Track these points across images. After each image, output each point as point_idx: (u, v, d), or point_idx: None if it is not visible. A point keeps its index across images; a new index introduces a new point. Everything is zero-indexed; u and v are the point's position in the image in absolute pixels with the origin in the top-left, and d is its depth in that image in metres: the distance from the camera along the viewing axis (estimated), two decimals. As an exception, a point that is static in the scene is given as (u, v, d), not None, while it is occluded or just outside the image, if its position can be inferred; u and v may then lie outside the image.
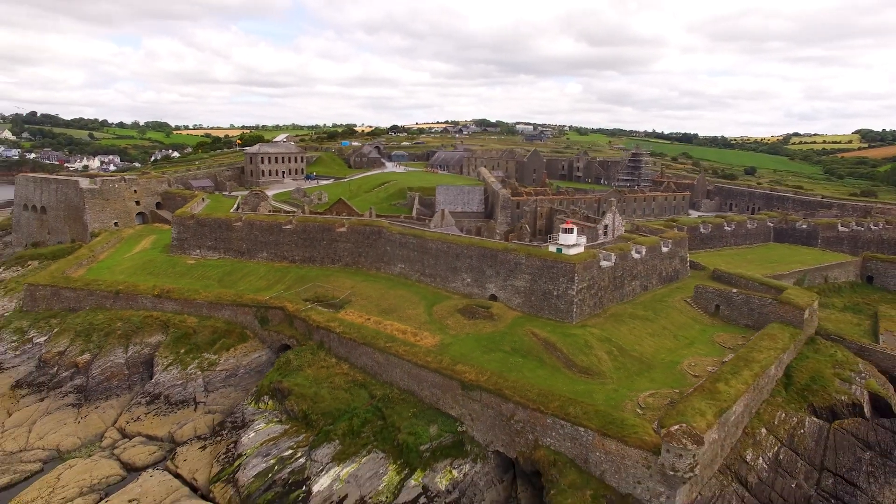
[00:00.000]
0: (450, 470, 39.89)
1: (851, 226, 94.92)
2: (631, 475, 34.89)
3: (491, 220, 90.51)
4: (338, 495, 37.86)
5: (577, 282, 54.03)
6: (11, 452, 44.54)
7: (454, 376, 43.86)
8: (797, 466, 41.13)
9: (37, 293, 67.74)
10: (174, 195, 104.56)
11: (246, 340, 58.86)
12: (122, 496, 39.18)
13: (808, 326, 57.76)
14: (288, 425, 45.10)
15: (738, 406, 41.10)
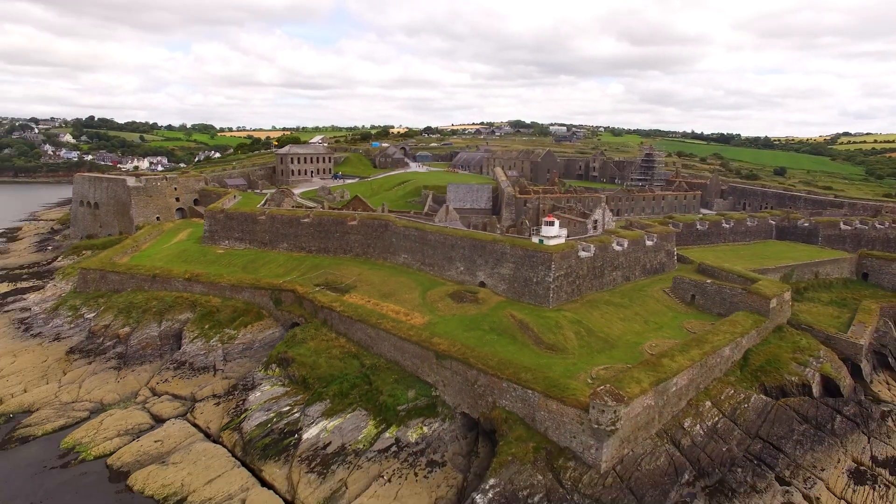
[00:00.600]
0: (421, 426, 46.41)
1: (855, 224, 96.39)
2: (568, 430, 40.63)
3: (496, 216, 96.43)
4: (323, 442, 44.92)
5: (554, 269, 59.69)
6: (66, 403, 53.57)
7: (430, 347, 50.39)
8: (733, 434, 45.82)
9: (88, 276, 77.80)
10: (210, 192, 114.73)
11: (262, 319, 66.85)
12: (150, 438, 47.39)
13: (777, 315, 61.65)
14: (289, 388, 52.57)
15: (679, 379, 46.13)
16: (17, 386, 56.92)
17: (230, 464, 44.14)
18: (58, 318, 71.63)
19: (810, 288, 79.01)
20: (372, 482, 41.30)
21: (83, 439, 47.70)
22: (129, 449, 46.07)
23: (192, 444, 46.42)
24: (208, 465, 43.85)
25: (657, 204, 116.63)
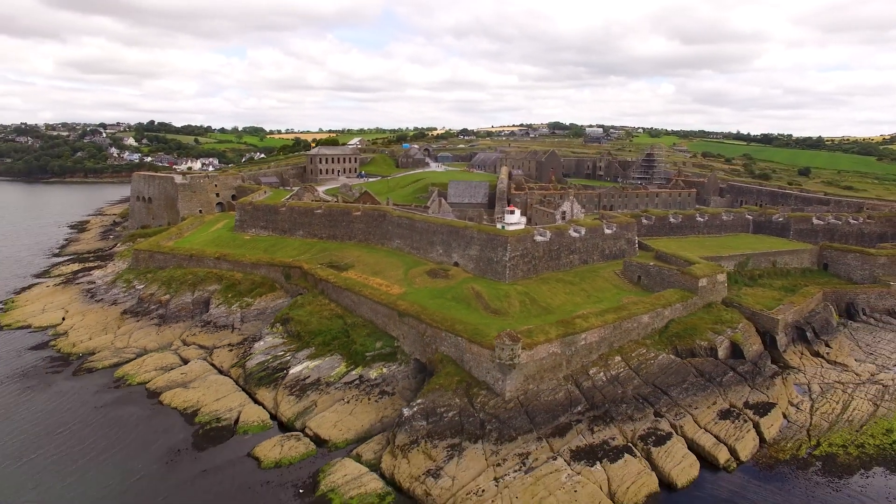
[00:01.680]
0: (381, 368, 59.49)
1: (828, 219, 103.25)
2: (483, 367, 52.74)
3: (491, 210, 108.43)
4: (304, 376, 58.67)
5: (510, 251, 71.58)
6: (119, 348, 69.65)
7: (394, 307, 63.44)
8: (632, 382, 56.65)
9: (139, 256, 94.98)
10: (245, 189, 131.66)
11: (274, 290, 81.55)
12: (178, 371, 62.45)
13: (707, 293, 71.38)
14: (286, 340, 66.71)
15: (588, 335, 57.39)
16: (86, 335, 73.61)
17: (234, 389, 58.56)
18: (115, 289, 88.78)
19: (765, 275, 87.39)
20: (335, 403, 54.69)
21: (130, 371, 63.26)
22: (162, 378, 61.20)
23: (208, 376, 61.17)
24: (218, 389, 58.38)
25: (651, 201, 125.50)
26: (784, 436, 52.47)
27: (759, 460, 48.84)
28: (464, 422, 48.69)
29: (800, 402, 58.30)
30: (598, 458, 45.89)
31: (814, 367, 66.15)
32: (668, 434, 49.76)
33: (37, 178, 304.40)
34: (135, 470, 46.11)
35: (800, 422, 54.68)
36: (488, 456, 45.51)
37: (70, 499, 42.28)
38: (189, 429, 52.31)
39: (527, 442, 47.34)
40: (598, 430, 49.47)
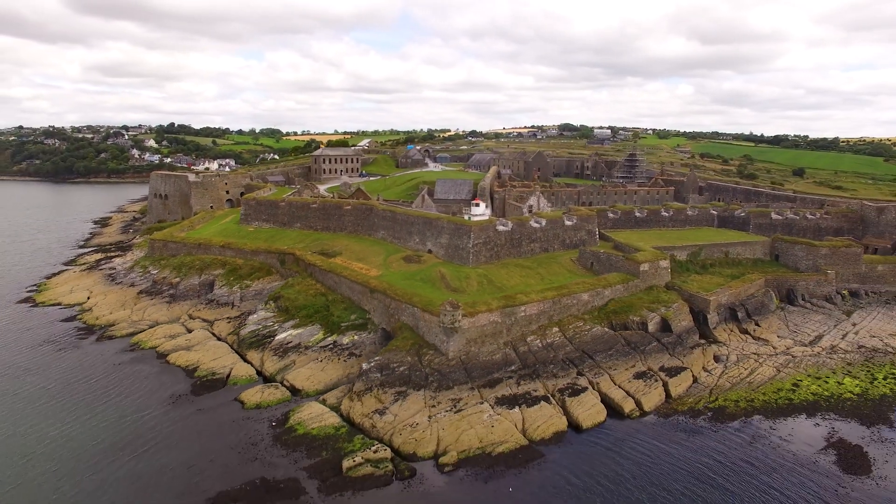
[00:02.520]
0: (353, 335, 70.47)
1: (786, 215, 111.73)
2: (433, 332, 63.36)
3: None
4: (287, 341, 69.93)
5: (473, 238, 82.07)
6: (134, 320, 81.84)
7: (367, 285, 74.43)
8: (564, 349, 66.71)
9: (155, 245, 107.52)
10: (253, 186, 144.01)
11: (271, 274, 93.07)
12: (183, 338, 74.23)
13: (649, 277, 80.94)
14: (276, 313, 78.04)
15: (528, 308, 67.62)
16: (107, 311, 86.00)
17: (228, 352, 70.09)
18: (133, 273, 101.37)
19: (717, 264, 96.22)
20: (311, 362, 65.82)
21: (143, 338, 75.23)
22: (169, 343, 73.02)
23: (207, 342, 72.84)
24: (215, 352, 69.95)
25: (629, 198, 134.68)
26: (689, 393, 62.16)
27: (660, 411, 58.64)
28: (411, 375, 59.43)
29: (713, 368, 67.79)
30: (518, 404, 56.23)
31: (738, 342, 75.42)
32: (584, 388, 59.88)
33: (63, 178, 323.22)
34: (145, 408, 57.66)
35: (707, 383, 64.26)
36: (427, 400, 56.15)
37: (93, 426, 53.83)
38: (189, 381, 63.87)
39: (461, 391, 57.88)
40: (524, 384, 59.79)
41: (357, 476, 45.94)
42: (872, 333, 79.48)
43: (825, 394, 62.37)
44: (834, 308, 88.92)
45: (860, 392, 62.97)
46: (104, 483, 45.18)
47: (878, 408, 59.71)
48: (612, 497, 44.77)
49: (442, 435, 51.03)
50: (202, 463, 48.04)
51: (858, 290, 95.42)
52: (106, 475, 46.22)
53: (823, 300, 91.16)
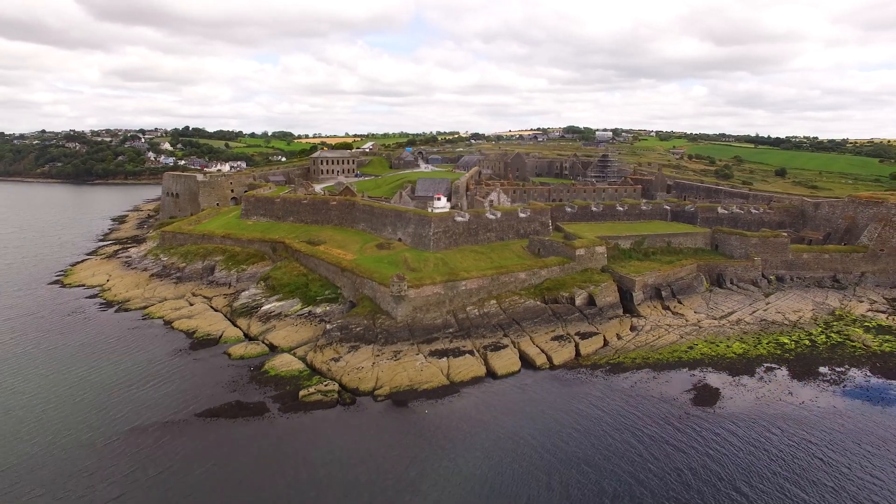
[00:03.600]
0: (326, 306, 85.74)
1: (732, 209, 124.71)
2: (386, 300, 78.32)
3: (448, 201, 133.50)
4: (271, 311, 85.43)
5: (433, 227, 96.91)
6: (146, 297, 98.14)
7: (339, 265, 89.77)
8: (498, 317, 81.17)
9: (165, 236, 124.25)
10: (255, 185, 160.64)
11: (264, 259, 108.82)
12: (186, 310, 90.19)
13: (585, 261, 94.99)
14: (264, 290, 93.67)
15: (469, 283, 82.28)
16: (123, 290, 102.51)
17: (222, 319, 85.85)
18: (146, 260, 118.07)
19: (659, 252, 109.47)
20: (288, 326, 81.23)
21: (153, 311, 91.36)
22: (174, 314, 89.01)
23: (206, 312, 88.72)
24: (211, 319, 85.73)
25: (598, 195, 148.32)
26: (597, 353, 76.20)
27: (567, 365, 72.76)
28: (365, 333, 74.51)
29: (627, 335, 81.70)
30: (447, 356, 70.94)
31: (657, 316, 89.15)
32: (506, 346, 74.38)
33: (83, 179, 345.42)
34: (152, 358, 73.36)
35: (615, 346, 78.24)
36: (374, 352, 71.16)
37: (113, 370, 69.55)
38: (188, 340, 79.61)
39: (403, 346, 72.78)
40: (456, 342, 74.49)
41: (309, 401, 61.08)
42: (779, 310, 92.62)
43: (711, 354, 76.06)
44: (757, 290, 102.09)
45: (741, 353, 76.55)
46: (122, 404, 60.73)
47: (749, 364, 73.27)
48: (506, 421, 59.12)
49: (380, 375, 66.00)
50: (194, 392, 63.56)
51: (785, 275, 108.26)
52: (123, 399, 61.84)
53: (749, 283, 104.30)
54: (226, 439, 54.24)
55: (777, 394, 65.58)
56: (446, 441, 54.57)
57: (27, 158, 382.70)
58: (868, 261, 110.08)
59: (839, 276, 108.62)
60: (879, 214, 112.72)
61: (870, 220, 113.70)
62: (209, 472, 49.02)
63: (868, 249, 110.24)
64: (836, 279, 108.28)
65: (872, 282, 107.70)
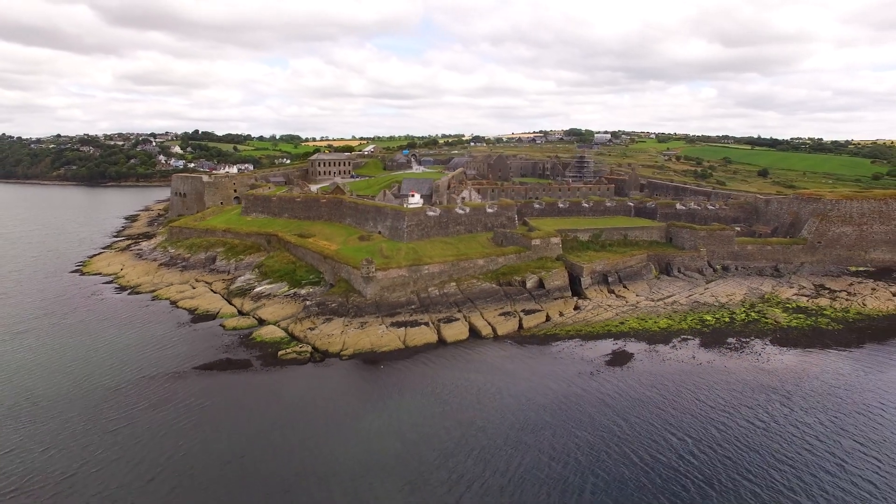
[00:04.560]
0: (309, 288, 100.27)
1: (689, 206, 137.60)
2: (358, 281, 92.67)
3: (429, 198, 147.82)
4: (262, 292, 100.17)
5: (407, 221, 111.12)
6: (156, 282, 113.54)
7: (321, 253, 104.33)
8: (456, 297, 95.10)
9: (173, 230, 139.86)
10: (257, 186, 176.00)
11: (259, 250, 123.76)
12: (189, 292, 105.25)
13: (541, 250, 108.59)
14: (257, 275, 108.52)
15: (431, 268, 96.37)
16: (135, 277, 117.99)
17: (220, 299, 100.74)
18: (155, 252, 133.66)
19: (616, 244, 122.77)
20: (275, 304, 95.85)
21: (161, 294, 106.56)
22: (179, 295, 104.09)
23: (206, 294, 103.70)
24: (210, 299, 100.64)
25: (572, 194, 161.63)
26: (538, 327, 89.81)
27: (509, 336, 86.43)
28: (339, 308, 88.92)
29: (569, 313, 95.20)
30: (406, 326, 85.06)
31: (601, 298, 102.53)
32: (458, 319, 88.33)
33: (97, 182, 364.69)
34: (159, 330, 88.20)
35: (556, 321, 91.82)
36: (344, 323, 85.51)
37: (128, 338, 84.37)
38: (190, 316, 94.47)
39: (369, 318, 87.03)
40: (415, 316, 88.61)
41: (286, 359, 75.57)
42: (714, 294, 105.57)
43: (638, 328, 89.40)
44: (701, 277, 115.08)
45: (665, 327, 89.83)
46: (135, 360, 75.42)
47: (668, 336, 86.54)
48: (446, 374, 72.88)
49: (346, 340, 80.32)
50: (193, 352, 78.26)
51: (730, 265, 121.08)
52: (136, 357, 76.58)
53: (695, 272, 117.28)
54: (217, 385, 68.75)
55: (682, 357, 78.87)
56: (395, 389, 68.60)
57: (44, 162, 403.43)
58: (807, 252, 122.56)
59: (780, 266, 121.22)
60: (818, 210, 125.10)
61: (810, 215, 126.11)
62: (204, 407, 63.45)
63: (807, 242, 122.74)
64: (776, 269, 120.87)
65: (809, 270, 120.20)
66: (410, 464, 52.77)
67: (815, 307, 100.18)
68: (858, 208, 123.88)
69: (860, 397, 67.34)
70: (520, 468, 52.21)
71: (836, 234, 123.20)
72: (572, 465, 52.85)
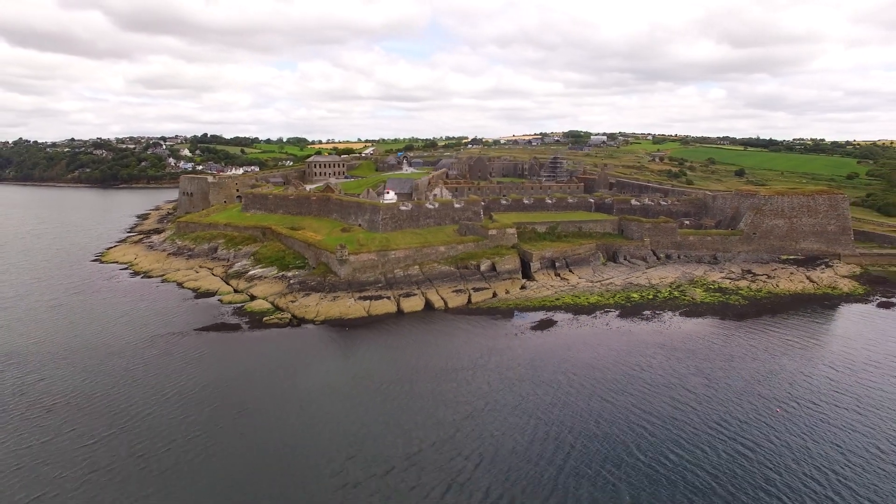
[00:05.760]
0: (295, 271, 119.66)
1: (644, 201, 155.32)
2: (334, 263, 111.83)
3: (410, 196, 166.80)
4: (255, 274, 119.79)
5: (381, 214, 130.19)
6: (165, 269, 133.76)
7: (306, 242, 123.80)
8: (417, 277, 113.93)
9: (180, 226, 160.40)
10: (257, 186, 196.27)
11: (255, 241, 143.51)
12: (192, 275, 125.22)
13: (497, 240, 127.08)
14: (251, 261, 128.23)
15: (396, 253, 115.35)
16: (147, 265, 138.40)
17: (219, 280, 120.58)
18: (164, 244, 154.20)
19: (571, 235, 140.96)
20: (265, 284, 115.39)
21: (169, 277, 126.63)
22: (184, 278, 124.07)
23: (208, 277, 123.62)
24: (211, 281, 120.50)
25: (544, 192, 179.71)
26: (484, 302, 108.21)
27: (458, 309, 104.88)
28: (317, 286, 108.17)
29: (514, 291, 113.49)
30: (370, 299, 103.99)
31: (547, 280, 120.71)
32: (416, 294, 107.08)
33: (110, 184, 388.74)
34: (167, 304, 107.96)
35: (502, 298, 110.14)
36: (320, 297, 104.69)
37: (140, 310, 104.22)
38: (193, 293, 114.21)
39: (341, 293, 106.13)
40: (380, 291, 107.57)
41: (269, 323, 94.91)
42: (649, 278, 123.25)
43: (570, 303, 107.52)
44: (643, 264, 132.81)
45: (594, 302, 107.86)
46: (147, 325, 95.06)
47: (593, 309, 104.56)
48: (402, 334, 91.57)
49: (320, 310, 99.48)
50: (194, 318, 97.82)
51: (673, 254, 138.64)
52: (148, 323, 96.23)
53: (639, 259, 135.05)
54: (212, 341, 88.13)
55: (597, 324, 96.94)
56: (354, 344, 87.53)
57: (59, 165, 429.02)
58: (743, 242, 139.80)
59: (718, 255, 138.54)
60: (754, 205, 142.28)
61: (747, 209, 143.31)
62: (201, 355, 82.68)
63: (743, 233, 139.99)
64: (714, 257, 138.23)
65: (743, 258, 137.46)
66: (356, 389, 71.67)
67: (733, 287, 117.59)
68: (789, 203, 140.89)
69: (728, 351, 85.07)
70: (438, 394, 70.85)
71: (770, 226, 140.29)
72: (475, 392, 71.36)
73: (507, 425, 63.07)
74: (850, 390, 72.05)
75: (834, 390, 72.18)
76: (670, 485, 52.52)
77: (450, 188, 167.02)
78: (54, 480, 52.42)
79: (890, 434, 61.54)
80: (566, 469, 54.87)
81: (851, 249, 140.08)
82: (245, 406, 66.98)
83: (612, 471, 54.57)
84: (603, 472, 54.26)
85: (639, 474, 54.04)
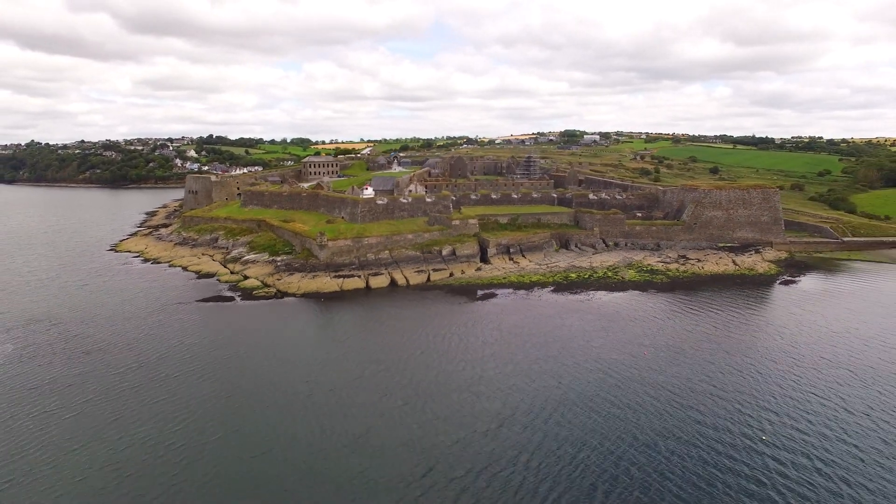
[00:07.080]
0: (283, 256, 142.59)
1: (600, 195, 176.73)
2: (315, 248, 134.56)
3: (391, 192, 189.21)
4: (249, 259, 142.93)
5: (360, 207, 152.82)
6: (171, 256, 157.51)
7: (293, 231, 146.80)
8: (386, 260, 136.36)
9: (185, 219, 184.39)
10: (256, 184, 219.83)
11: (252, 232, 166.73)
12: (195, 261, 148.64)
13: (459, 229, 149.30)
14: (247, 249, 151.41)
15: (369, 240, 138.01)
16: (156, 253, 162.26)
17: (218, 265, 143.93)
18: (171, 236, 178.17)
19: (530, 226, 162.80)
20: (257, 266, 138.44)
21: (175, 262, 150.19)
22: (188, 263, 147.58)
23: (209, 262, 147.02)
24: (211, 265, 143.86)
25: (516, 189, 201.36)
26: (442, 280, 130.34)
27: (419, 286, 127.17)
28: (300, 267, 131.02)
29: (469, 272, 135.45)
30: (344, 278, 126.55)
31: (501, 263, 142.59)
32: (383, 274, 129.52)
33: (119, 184, 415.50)
34: (173, 284, 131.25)
35: (457, 277, 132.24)
36: (302, 276, 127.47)
37: (149, 288, 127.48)
38: (195, 275, 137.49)
39: (320, 273, 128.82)
40: (353, 272, 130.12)
41: (258, 296, 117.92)
42: (592, 262, 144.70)
43: (515, 281, 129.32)
44: (592, 251, 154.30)
45: (536, 280, 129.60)
46: (154, 299, 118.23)
47: (531, 286, 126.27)
48: (369, 306, 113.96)
49: (300, 286, 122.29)
50: (196, 293, 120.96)
51: (621, 242, 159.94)
52: (156, 297, 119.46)
53: (589, 247, 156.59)
54: (209, 308, 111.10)
55: (531, 297, 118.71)
56: (329, 310, 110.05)
57: (70, 166, 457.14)
58: (685, 231, 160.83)
59: (661, 243, 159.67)
60: (695, 198, 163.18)
61: (690, 202, 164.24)
62: (201, 320, 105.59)
63: (685, 223, 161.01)
64: (658, 245, 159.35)
65: (682, 246, 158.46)
66: (321, 343, 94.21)
67: (663, 269, 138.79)
68: (727, 196, 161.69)
69: (631, 315, 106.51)
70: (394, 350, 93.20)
71: (709, 217, 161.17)
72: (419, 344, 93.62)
73: (441, 370, 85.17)
74: (721, 345, 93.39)
75: (703, 340, 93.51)
76: (564, 400, 74.42)
77: (428, 185, 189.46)
78: (94, 392, 75.39)
79: (722, 366, 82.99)
80: (480, 392, 77.02)
81: (782, 238, 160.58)
82: (235, 351, 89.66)
83: (514, 388, 76.63)
84: (504, 389, 76.31)
85: (532, 393, 76.02)
